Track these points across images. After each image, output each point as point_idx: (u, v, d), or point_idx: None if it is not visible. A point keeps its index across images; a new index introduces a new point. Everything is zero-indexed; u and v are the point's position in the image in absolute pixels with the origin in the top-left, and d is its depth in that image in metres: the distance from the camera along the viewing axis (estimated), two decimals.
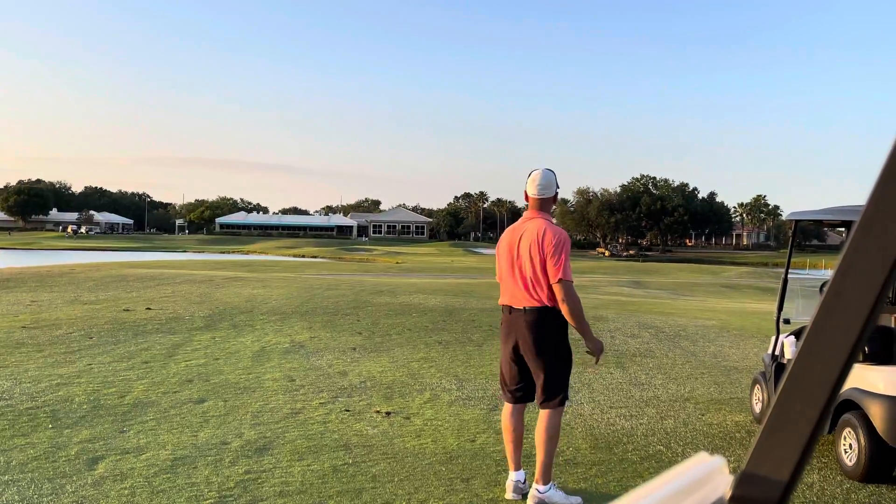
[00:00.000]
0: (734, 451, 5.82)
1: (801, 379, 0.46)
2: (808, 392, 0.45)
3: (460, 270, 40.25)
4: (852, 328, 0.44)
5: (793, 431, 0.46)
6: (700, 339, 11.60)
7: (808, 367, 0.46)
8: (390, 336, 10.86)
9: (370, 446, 5.60)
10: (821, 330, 0.45)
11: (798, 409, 0.46)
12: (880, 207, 0.43)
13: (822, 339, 0.45)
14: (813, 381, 0.45)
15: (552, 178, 4.74)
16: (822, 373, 0.45)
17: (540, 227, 4.61)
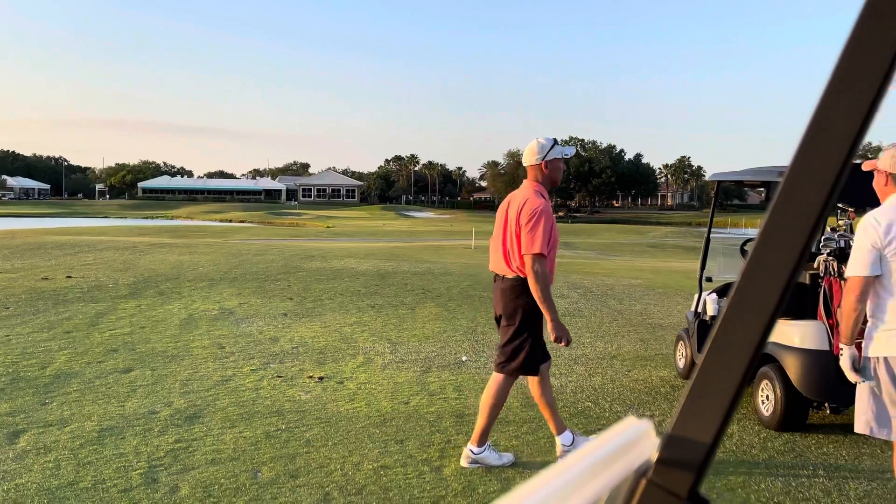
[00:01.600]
0: (659, 406, 6.02)
1: (723, 345, 0.47)
2: (731, 357, 0.46)
3: (392, 234, 40.17)
4: (772, 294, 0.45)
5: (716, 395, 0.47)
6: (627, 297, 11.89)
7: (730, 333, 0.47)
8: (322, 301, 10.79)
9: (303, 411, 5.58)
10: (742, 296, 0.46)
11: (721, 374, 0.47)
12: (800, 175, 0.44)
13: (743, 305, 0.46)
14: (735, 347, 0.46)
15: (536, 147, 4.63)
16: (743, 338, 0.46)
17: (523, 197, 4.57)
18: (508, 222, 4.58)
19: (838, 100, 0.43)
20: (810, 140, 0.44)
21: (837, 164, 0.43)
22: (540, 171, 4.63)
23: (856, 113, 0.42)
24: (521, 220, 4.45)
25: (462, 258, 18.75)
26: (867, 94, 0.42)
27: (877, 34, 0.41)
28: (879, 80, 0.41)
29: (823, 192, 0.44)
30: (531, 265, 4.41)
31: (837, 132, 0.43)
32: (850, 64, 0.42)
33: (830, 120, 0.43)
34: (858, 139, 0.43)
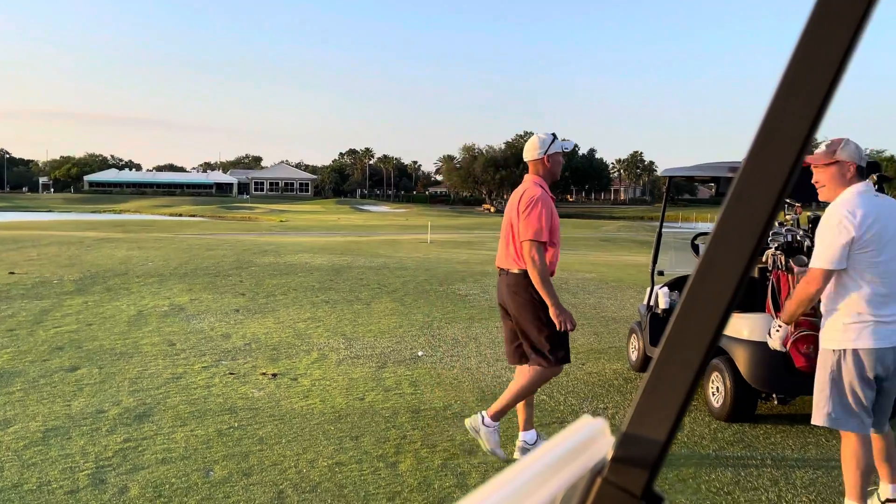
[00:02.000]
0: (612, 398, 6.09)
1: (676, 343, 0.47)
2: (684, 355, 0.47)
3: (347, 228, 39.97)
4: (725, 294, 0.46)
5: (670, 392, 0.48)
6: (580, 291, 12.02)
7: (683, 331, 0.47)
8: (275, 296, 10.68)
9: (256, 409, 5.51)
10: (696, 294, 0.47)
11: (675, 372, 0.48)
12: (753, 173, 0.45)
13: (697, 303, 0.47)
14: (688, 345, 0.47)
15: (537, 142, 4.72)
16: (697, 336, 0.47)
17: (522, 190, 4.67)
18: (509, 217, 4.66)
19: (789, 99, 0.43)
20: (763, 139, 0.44)
21: (789, 162, 0.44)
22: (542, 165, 4.73)
23: (806, 112, 0.43)
24: (520, 208, 4.53)
25: (418, 252, 18.74)
26: (817, 95, 0.43)
27: (826, 36, 0.42)
28: (829, 80, 0.42)
29: (776, 189, 0.44)
30: (527, 251, 4.47)
31: (789, 131, 0.44)
32: (801, 64, 0.43)
33: (782, 119, 0.44)
34: (809, 138, 0.43)
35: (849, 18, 0.42)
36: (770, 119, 0.44)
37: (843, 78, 0.43)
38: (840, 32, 0.42)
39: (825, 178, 3.75)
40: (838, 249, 3.55)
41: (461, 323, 9.08)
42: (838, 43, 0.42)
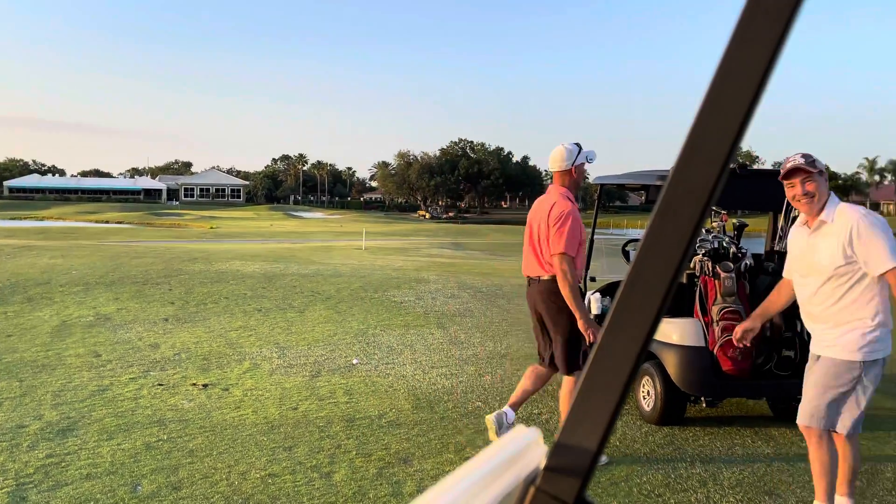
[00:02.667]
0: (547, 403, 6.16)
1: (607, 352, 0.48)
2: (615, 364, 0.48)
3: (280, 235, 39.43)
4: (653, 305, 0.47)
5: (601, 401, 0.49)
6: (515, 297, 12.12)
7: (613, 340, 0.48)
8: (206, 305, 10.45)
9: (186, 420, 5.38)
10: (625, 307, 0.48)
11: (605, 380, 0.49)
12: (681, 181, 0.46)
13: (626, 315, 0.48)
14: (619, 354, 0.48)
15: (564, 153, 4.80)
16: (627, 345, 0.48)
17: (551, 201, 4.77)
18: (538, 227, 4.78)
19: (714, 112, 0.44)
20: (690, 149, 0.45)
21: (716, 169, 0.45)
22: (569, 175, 4.86)
23: (732, 121, 0.44)
24: (550, 221, 4.67)
25: (353, 259, 18.62)
26: (742, 103, 0.44)
27: (752, 45, 0.43)
28: (753, 89, 0.43)
29: (703, 197, 0.45)
30: (558, 265, 4.62)
31: (714, 142, 0.45)
32: (727, 74, 0.44)
33: (708, 130, 0.45)
34: (735, 146, 0.44)
35: (769, 37, 0.44)
36: (696, 130, 0.45)
37: (764, 92, 0.44)
38: (761, 49, 0.44)
39: (814, 188, 3.68)
40: (894, 244, 3.47)
41: (396, 330, 9.05)
42: (765, 48, 0.43)
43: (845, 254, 3.57)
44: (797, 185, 3.72)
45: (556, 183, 4.90)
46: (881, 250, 3.48)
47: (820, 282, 3.69)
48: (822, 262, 3.67)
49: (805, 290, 3.84)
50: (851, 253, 3.56)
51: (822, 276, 3.69)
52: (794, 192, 3.73)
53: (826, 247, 3.65)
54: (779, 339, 5.59)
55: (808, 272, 3.78)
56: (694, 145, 0.45)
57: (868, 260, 3.52)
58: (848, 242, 3.56)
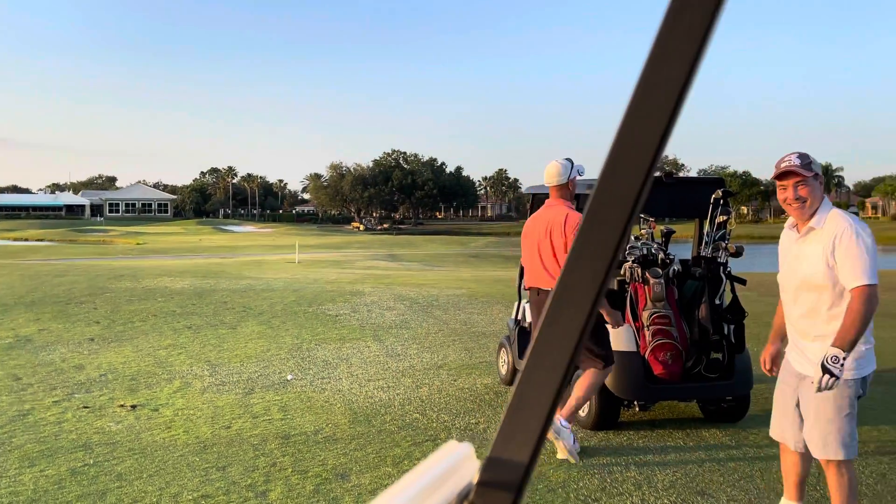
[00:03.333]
0: (484, 413, 6.17)
1: (536, 366, 0.49)
2: (544, 377, 0.48)
3: (210, 250, 38.65)
4: (579, 318, 0.47)
5: (531, 415, 0.49)
6: (451, 307, 12.15)
7: (543, 353, 0.49)
8: (133, 323, 10.15)
9: (114, 443, 5.20)
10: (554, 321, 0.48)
11: (535, 394, 0.49)
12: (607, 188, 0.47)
13: (554, 329, 0.48)
14: (547, 369, 0.48)
15: (560, 168, 5.14)
16: (555, 360, 0.48)
17: (562, 213, 5.07)
18: (547, 240, 5.06)
19: (638, 121, 0.45)
20: (615, 155, 0.46)
21: (640, 177, 0.46)
22: (567, 189, 5.19)
23: (655, 129, 0.45)
24: (568, 233, 4.99)
25: (285, 273, 18.37)
26: (665, 111, 0.45)
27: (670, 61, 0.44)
28: (673, 101, 0.44)
29: (629, 204, 0.46)
30: None
31: (640, 147, 0.45)
32: (648, 85, 0.45)
33: (633, 136, 0.45)
34: (658, 154, 0.45)
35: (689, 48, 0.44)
36: (622, 134, 0.46)
37: (686, 98, 0.45)
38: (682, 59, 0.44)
39: (807, 192, 3.48)
40: (874, 264, 3.31)
41: (332, 344, 8.96)
42: (681, 67, 0.44)
43: (828, 263, 3.40)
44: (789, 189, 3.51)
45: (555, 196, 5.22)
46: (857, 264, 3.30)
47: (805, 293, 3.52)
48: (806, 272, 3.50)
49: (791, 302, 3.66)
50: (833, 262, 3.38)
51: (806, 288, 3.52)
52: (786, 195, 3.52)
53: (811, 255, 3.48)
54: (707, 342, 5.74)
55: (793, 282, 3.61)
56: (618, 155, 0.46)
57: (843, 271, 3.34)
58: (831, 251, 3.38)
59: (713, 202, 5.84)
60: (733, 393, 5.72)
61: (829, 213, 3.48)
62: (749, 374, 5.75)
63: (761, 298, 14.20)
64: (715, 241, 5.79)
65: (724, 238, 5.78)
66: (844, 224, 3.40)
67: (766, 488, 4.54)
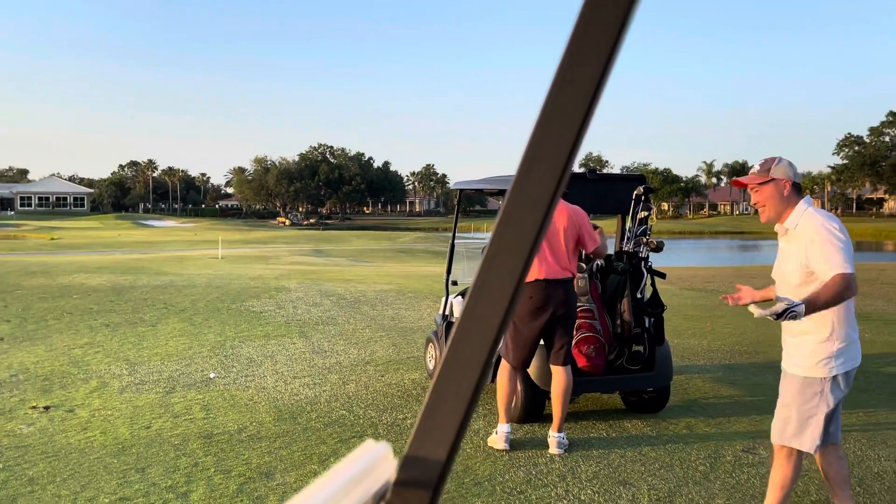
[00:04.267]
0: (411, 408, 6.17)
1: (453, 363, 0.48)
2: (461, 375, 0.48)
3: (129, 245, 37.49)
4: (497, 314, 0.47)
5: (448, 412, 0.48)
6: (379, 303, 12.11)
7: (459, 352, 0.48)
8: (46, 322, 9.76)
9: (25, 447, 4.99)
10: (470, 317, 0.48)
11: (452, 391, 0.48)
12: (526, 182, 0.47)
13: (471, 326, 0.48)
14: (464, 366, 0.48)
15: None
16: (472, 357, 0.48)
17: (567, 208, 5.20)
18: (562, 230, 5.14)
19: (555, 111, 0.45)
20: (532, 149, 0.46)
21: (558, 171, 0.46)
22: None
23: (572, 124, 0.45)
24: (582, 225, 5.20)
25: (208, 269, 17.96)
26: (582, 105, 0.45)
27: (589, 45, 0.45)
28: (591, 91, 0.45)
29: (546, 198, 0.46)
30: (603, 253, 5.49)
31: (556, 142, 0.46)
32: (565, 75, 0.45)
33: (550, 130, 0.46)
34: (575, 149, 0.46)
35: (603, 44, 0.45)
36: (539, 128, 0.46)
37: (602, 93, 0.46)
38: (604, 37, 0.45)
39: (763, 197, 3.57)
40: (850, 256, 3.34)
41: (256, 341, 8.81)
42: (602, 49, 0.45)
43: (804, 262, 3.44)
44: (751, 194, 3.64)
45: None
46: (832, 258, 3.32)
47: (787, 290, 3.52)
48: (786, 270, 3.57)
49: None
50: (808, 261, 3.42)
51: (787, 285, 3.56)
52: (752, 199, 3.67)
53: (790, 254, 3.54)
54: (629, 335, 5.88)
55: (779, 278, 3.66)
56: (536, 144, 0.46)
57: (820, 267, 3.35)
58: (805, 251, 3.43)
59: (635, 198, 5.98)
60: (654, 384, 5.88)
61: (804, 214, 3.52)
62: (669, 365, 5.91)
63: (681, 292, 14.64)
64: (636, 236, 5.93)
65: (645, 233, 5.93)
66: (816, 223, 3.44)
67: (684, 477, 4.69)
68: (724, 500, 4.35)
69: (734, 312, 12.07)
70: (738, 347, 8.98)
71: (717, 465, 4.92)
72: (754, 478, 4.68)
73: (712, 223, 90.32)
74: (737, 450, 5.20)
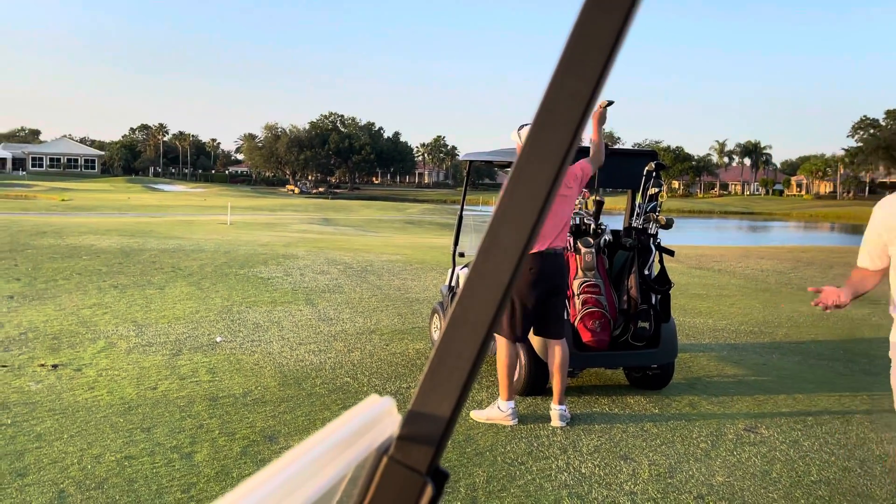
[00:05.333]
0: (415, 378, 6.21)
1: (459, 321, 0.48)
2: (467, 333, 0.48)
3: (139, 208, 37.61)
4: (505, 271, 0.47)
5: (454, 370, 0.49)
6: (386, 273, 12.13)
7: (466, 310, 0.48)
8: (56, 281, 9.82)
9: (33, 403, 5.05)
10: (478, 275, 0.48)
11: (458, 350, 0.48)
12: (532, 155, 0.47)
13: (478, 283, 0.48)
14: (470, 323, 0.48)
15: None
16: (478, 314, 0.48)
17: None
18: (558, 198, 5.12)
19: (563, 86, 0.45)
20: (540, 123, 0.46)
21: (564, 145, 0.46)
22: None
23: (579, 98, 0.45)
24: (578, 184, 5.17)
25: (216, 234, 18.02)
26: (589, 81, 0.45)
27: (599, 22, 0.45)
28: (600, 68, 0.45)
29: (552, 171, 0.46)
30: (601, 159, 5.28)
31: (563, 116, 0.46)
32: (574, 52, 0.45)
33: (557, 104, 0.46)
34: (582, 123, 0.46)
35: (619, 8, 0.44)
36: (547, 101, 0.46)
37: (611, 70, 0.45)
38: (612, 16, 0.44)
39: None
40: None
41: (263, 307, 8.85)
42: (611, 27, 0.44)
43: None
44: None
45: None
46: None
47: None
48: None
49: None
50: None
51: None
52: None
53: None
54: (635, 311, 5.88)
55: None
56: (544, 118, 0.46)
57: None
58: None
59: (646, 174, 5.94)
60: (658, 361, 5.89)
61: None
62: (674, 342, 5.92)
63: (688, 270, 14.62)
64: (646, 212, 5.90)
65: (655, 210, 5.90)
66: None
67: (685, 453, 4.71)
68: (725, 477, 4.37)
69: (741, 292, 12.05)
70: (743, 327, 8.97)
71: (719, 442, 4.94)
72: (755, 456, 4.70)
73: (722, 202, 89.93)
74: (739, 428, 5.22)
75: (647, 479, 4.29)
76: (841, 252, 19.43)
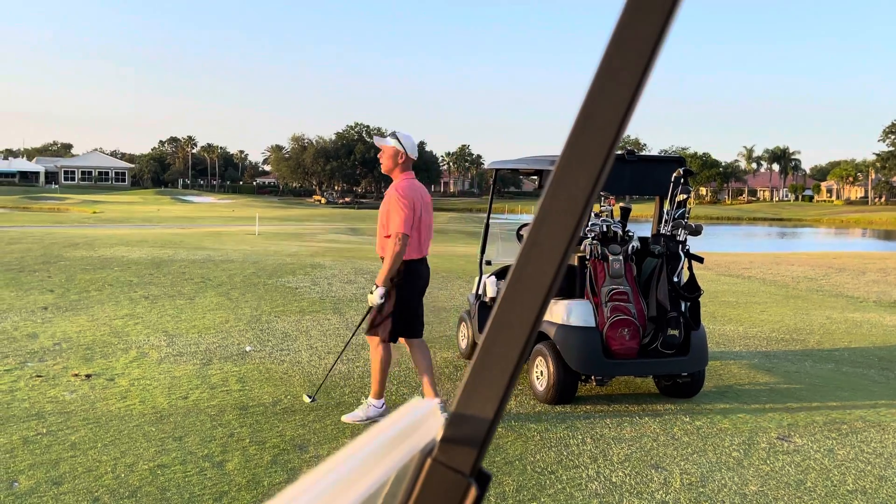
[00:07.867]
0: (443, 386, 6.21)
1: (502, 324, 0.49)
2: (510, 336, 0.48)
3: (168, 220, 38.05)
4: (547, 273, 0.48)
5: (496, 372, 0.49)
6: None
7: (508, 313, 0.49)
8: (88, 293, 9.97)
9: (68, 413, 5.12)
10: (519, 277, 0.48)
11: (500, 352, 0.49)
12: (570, 163, 0.47)
13: (520, 286, 0.48)
14: (513, 326, 0.48)
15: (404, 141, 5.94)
16: (521, 317, 0.48)
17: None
18: (429, 210, 5.65)
19: (602, 94, 0.45)
20: (578, 131, 0.46)
21: (602, 153, 0.46)
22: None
23: (618, 106, 0.45)
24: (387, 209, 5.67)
25: (244, 245, 18.18)
26: (629, 89, 0.45)
27: (638, 29, 0.45)
28: (639, 75, 0.45)
29: (591, 179, 0.46)
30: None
31: (602, 124, 0.46)
32: (613, 59, 0.45)
33: (596, 113, 0.46)
34: (620, 131, 0.46)
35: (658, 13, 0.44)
36: (586, 110, 0.46)
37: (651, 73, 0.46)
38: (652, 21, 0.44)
39: None
40: None
41: (291, 316, 8.91)
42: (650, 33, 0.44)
43: None
44: None
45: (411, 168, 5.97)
46: None
47: None
48: None
49: None
50: None
51: None
52: None
53: None
54: (664, 319, 5.83)
55: None
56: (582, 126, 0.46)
57: None
58: None
59: (674, 180, 5.90)
60: (688, 369, 5.83)
61: None
62: (704, 350, 5.86)
63: (718, 277, 14.47)
64: (675, 219, 5.86)
65: (683, 216, 5.86)
66: None
67: (717, 462, 4.66)
68: (758, 486, 4.31)
69: (772, 299, 11.90)
70: (774, 335, 8.86)
71: (752, 451, 4.87)
72: (789, 465, 4.63)
73: (751, 209, 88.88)
74: (772, 437, 5.15)
75: (679, 489, 4.24)
76: (873, 258, 19.13)
